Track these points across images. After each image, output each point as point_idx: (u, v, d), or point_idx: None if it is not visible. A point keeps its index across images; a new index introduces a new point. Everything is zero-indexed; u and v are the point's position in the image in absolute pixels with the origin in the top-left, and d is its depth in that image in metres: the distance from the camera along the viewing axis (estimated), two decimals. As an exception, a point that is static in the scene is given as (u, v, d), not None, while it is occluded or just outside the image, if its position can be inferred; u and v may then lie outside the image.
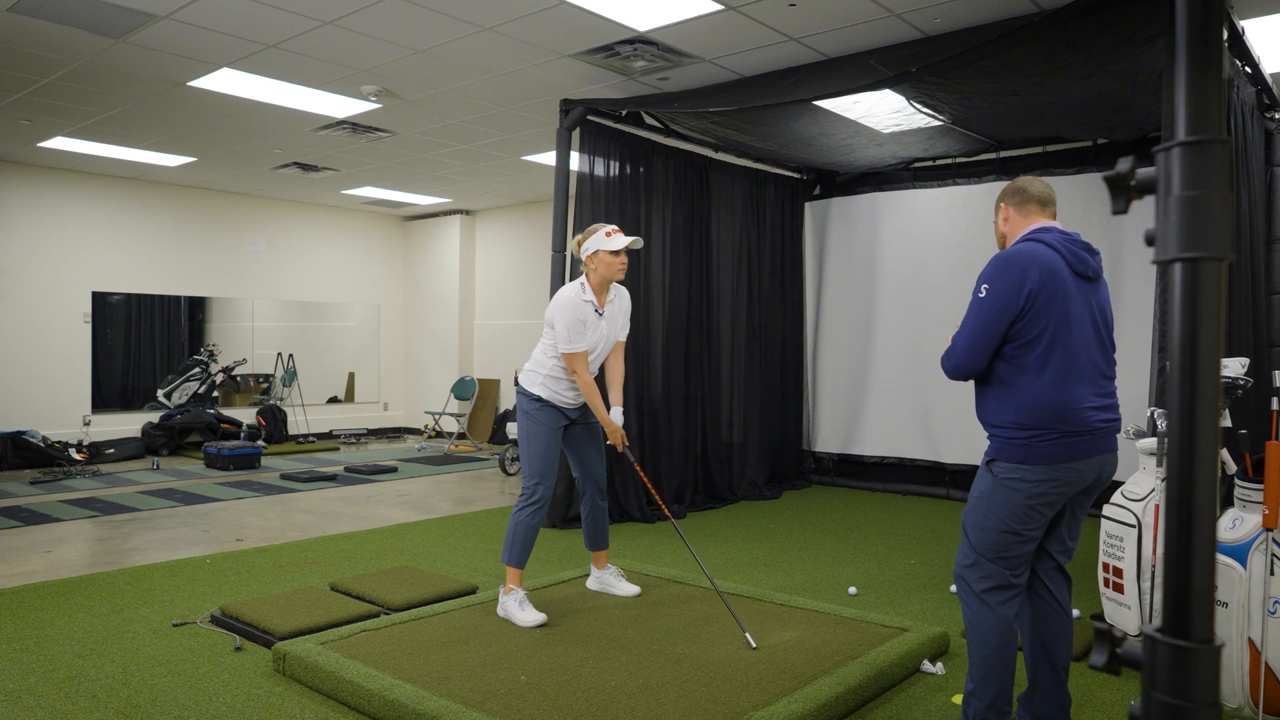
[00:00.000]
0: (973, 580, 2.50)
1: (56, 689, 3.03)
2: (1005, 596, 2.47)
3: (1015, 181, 2.63)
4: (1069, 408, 2.37)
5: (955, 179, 7.07)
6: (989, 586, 2.47)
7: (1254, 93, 4.74)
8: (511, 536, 3.68)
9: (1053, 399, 2.37)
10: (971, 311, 2.45)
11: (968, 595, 2.52)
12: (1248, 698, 2.77)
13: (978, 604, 2.49)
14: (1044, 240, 2.46)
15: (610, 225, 3.78)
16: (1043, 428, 2.37)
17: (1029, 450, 2.39)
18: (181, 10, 4.68)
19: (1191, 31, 0.96)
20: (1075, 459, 2.39)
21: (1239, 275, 4.45)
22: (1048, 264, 2.40)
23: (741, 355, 7.28)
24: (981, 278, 2.45)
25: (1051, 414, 2.37)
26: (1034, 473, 2.38)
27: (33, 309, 8.86)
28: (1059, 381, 2.38)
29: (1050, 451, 2.37)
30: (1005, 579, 2.47)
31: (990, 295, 2.40)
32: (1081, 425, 2.39)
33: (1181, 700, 0.93)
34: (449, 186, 9.70)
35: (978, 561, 2.49)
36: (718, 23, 4.73)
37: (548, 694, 2.84)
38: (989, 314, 2.40)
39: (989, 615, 2.47)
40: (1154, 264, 0.98)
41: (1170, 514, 0.96)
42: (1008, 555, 2.45)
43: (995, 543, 2.45)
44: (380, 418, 11.78)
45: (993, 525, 2.45)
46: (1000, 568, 2.46)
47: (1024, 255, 2.41)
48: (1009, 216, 2.60)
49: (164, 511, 6.31)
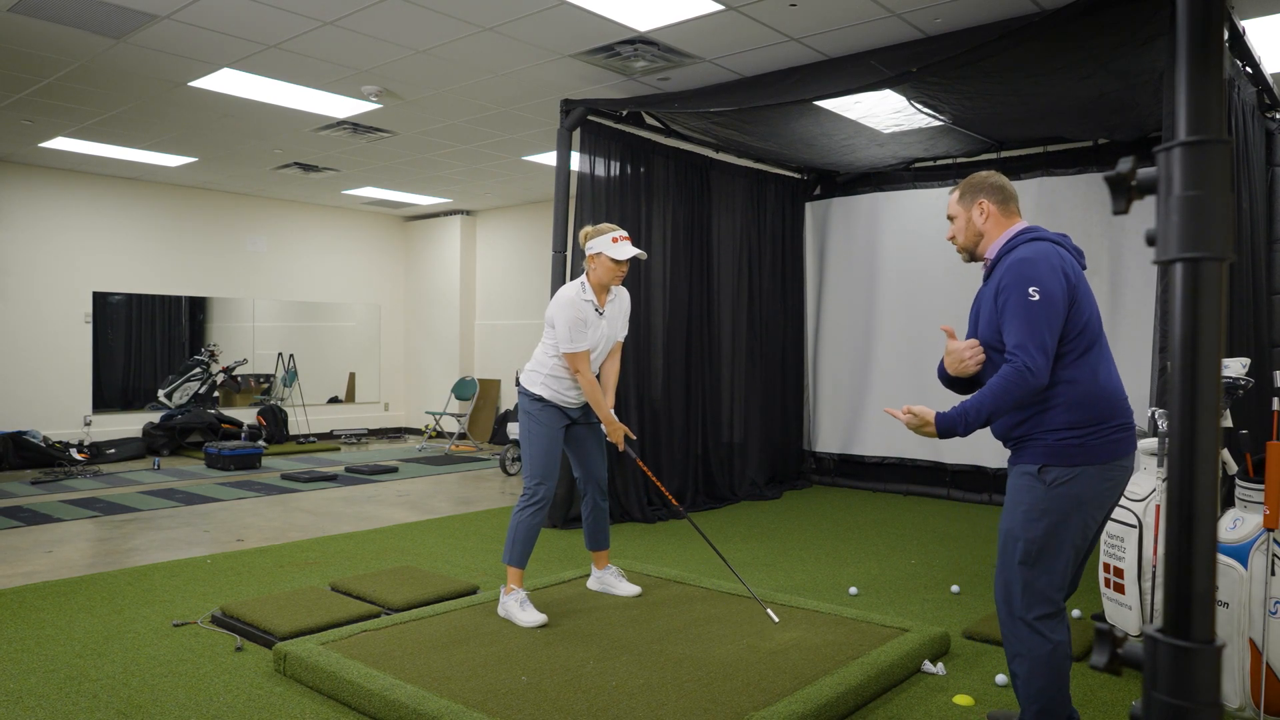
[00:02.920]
0: (1023, 608, 2.32)
1: (57, 689, 3.03)
2: (1057, 619, 2.31)
3: (985, 176, 2.50)
4: (1119, 399, 2.30)
5: (956, 179, 7.06)
6: (1043, 613, 2.29)
7: (1255, 93, 4.74)
8: (513, 537, 3.68)
9: (1105, 391, 2.28)
10: (1036, 314, 2.25)
11: (1016, 624, 2.34)
12: (1249, 698, 2.77)
13: (1028, 632, 2.31)
14: (1048, 238, 2.40)
15: (620, 230, 3.75)
16: (1097, 423, 2.27)
17: (1086, 450, 2.26)
18: (182, 10, 4.68)
19: (1192, 32, 0.96)
20: (1127, 455, 2.30)
21: (1240, 275, 4.45)
22: (1069, 260, 2.35)
23: (742, 355, 7.28)
24: (1014, 283, 2.29)
25: (1106, 407, 2.28)
26: (1094, 473, 2.26)
27: (34, 309, 8.86)
28: (1105, 373, 2.30)
29: (1108, 448, 2.27)
30: (1056, 602, 2.31)
31: (1044, 295, 2.25)
32: (1127, 416, 2.31)
33: (1182, 701, 0.93)
34: (449, 187, 9.70)
35: (1029, 584, 2.30)
36: (718, 23, 4.73)
37: (548, 694, 2.84)
38: (1052, 312, 2.25)
39: (1042, 644, 2.30)
40: (1155, 264, 0.98)
41: (1171, 514, 0.96)
42: (1061, 573, 2.29)
43: (1054, 560, 2.28)
44: (381, 418, 11.78)
45: (1054, 542, 2.28)
46: (1053, 589, 2.29)
47: (1049, 252, 2.32)
48: (989, 214, 2.47)
49: (165, 512, 6.31)
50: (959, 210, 2.53)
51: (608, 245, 3.69)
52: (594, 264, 3.75)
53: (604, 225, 3.80)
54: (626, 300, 3.93)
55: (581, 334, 3.69)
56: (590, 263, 3.77)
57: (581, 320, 3.70)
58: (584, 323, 3.70)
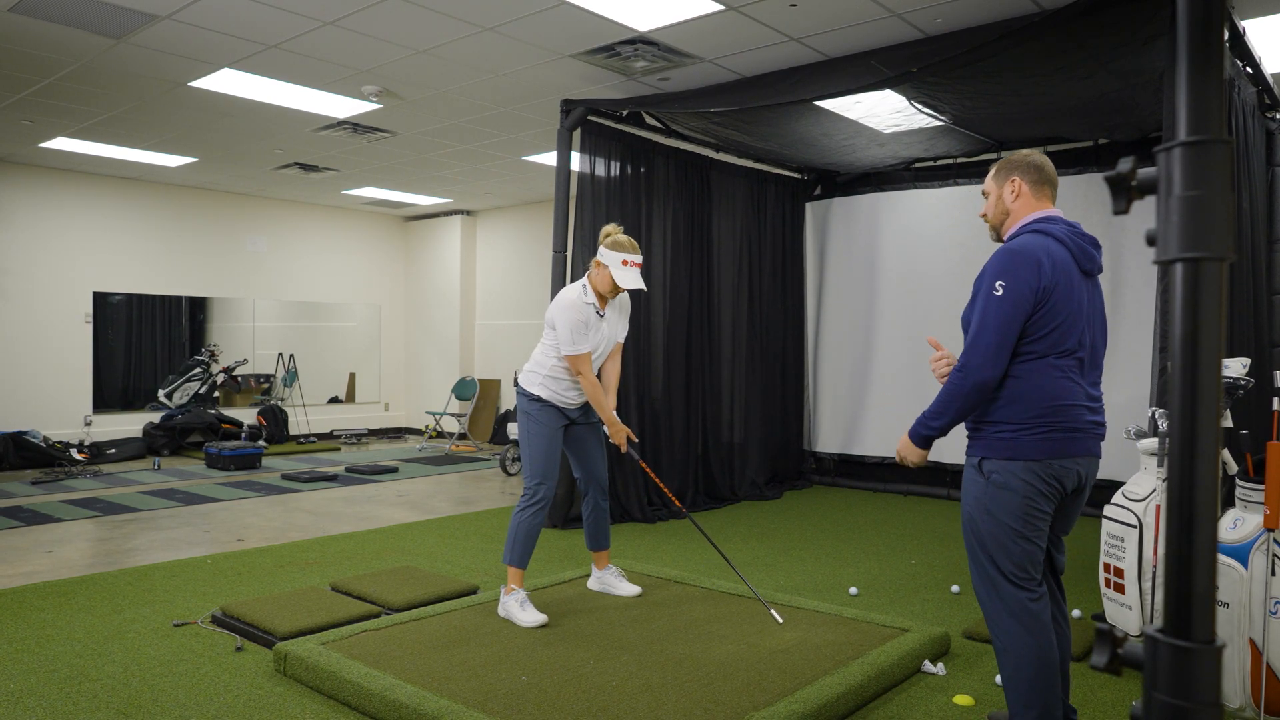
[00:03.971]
0: (993, 601, 2.36)
1: (57, 689, 3.03)
2: (1032, 599, 2.33)
3: (1026, 155, 2.46)
4: (1063, 403, 2.30)
5: (956, 179, 7.07)
6: (1016, 601, 2.32)
7: (1255, 93, 4.74)
8: (513, 537, 3.68)
9: (1047, 393, 2.29)
10: (991, 312, 2.28)
11: (998, 616, 2.36)
12: (1249, 698, 2.77)
13: (1010, 623, 2.33)
14: (1052, 233, 2.35)
15: (636, 256, 3.70)
16: (1034, 423, 2.30)
17: (1017, 445, 2.30)
18: (182, 11, 4.68)
19: (1192, 31, 0.96)
20: (1064, 456, 2.31)
21: (1240, 275, 4.45)
22: (1060, 260, 2.30)
23: (742, 355, 7.28)
24: (991, 273, 2.30)
25: (1046, 408, 2.29)
26: (1024, 470, 2.29)
27: (34, 309, 8.86)
28: (1054, 376, 2.30)
29: (1042, 446, 2.29)
30: (1030, 584, 2.34)
31: (1008, 293, 2.25)
32: (1073, 422, 2.32)
33: (1183, 701, 0.93)
34: (450, 187, 9.70)
35: (995, 579, 2.35)
36: (718, 23, 4.73)
37: (549, 694, 2.84)
38: (1010, 312, 2.26)
39: (1021, 633, 2.31)
40: (1155, 264, 0.98)
41: (1171, 514, 0.96)
42: (1023, 561, 2.32)
43: (1009, 551, 2.32)
44: (381, 418, 11.78)
45: (1001, 533, 2.33)
46: (1020, 576, 2.33)
47: (1036, 249, 2.29)
48: (1020, 193, 2.44)
49: (165, 512, 6.31)
50: (992, 186, 2.51)
51: (617, 265, 3.66)
52: (598, 270, 3.74)
53: (625, 240, 3.72)
54: (626, 301, 3.93)
55: (583, 336, 3.68)
56: (596, 266, 3.76)
57: (583, 323, 3.69)
58: (585, 325, 3.70)
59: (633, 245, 3.72)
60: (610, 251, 3.69)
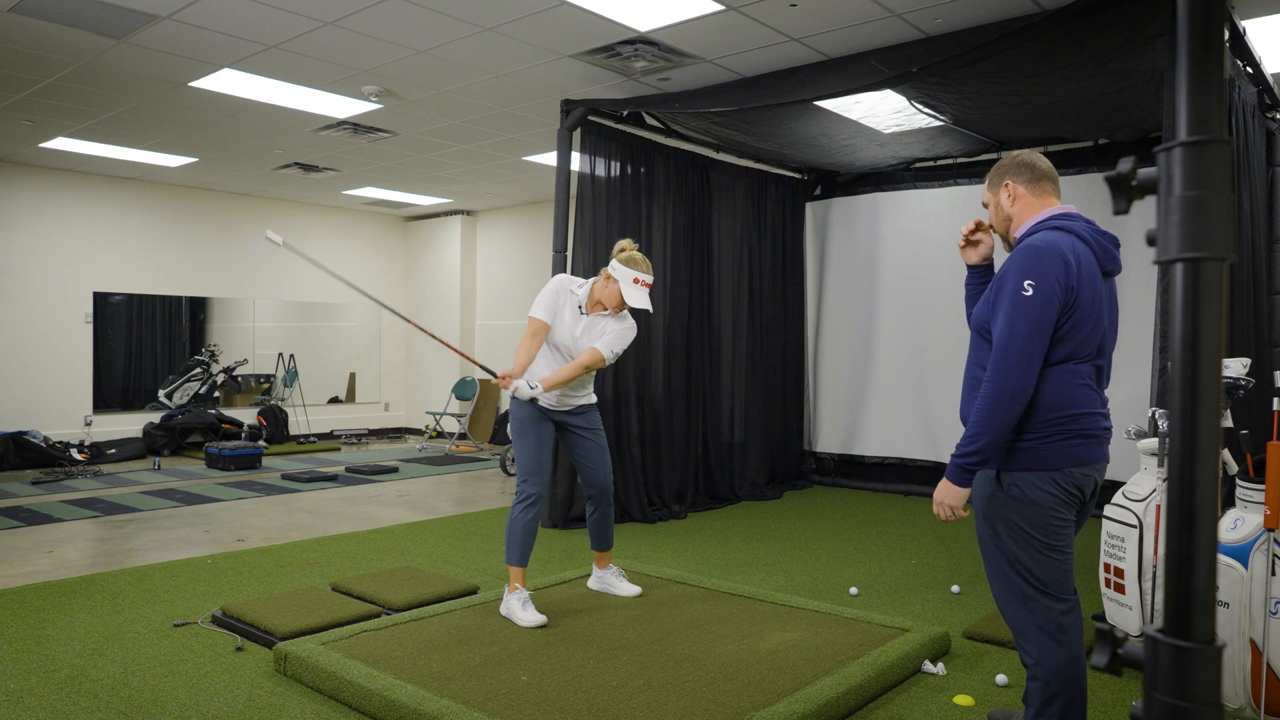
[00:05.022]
0: (1020, 615, 2.25)
1: (58, 689, 3.03)
2: (1064, 611, 2.23)
3: (1015, 156, 2.35)
4: (1082, 411, 2.21)
5: (956, 179, 7.07)
6: (1048, 614, 2.22)
7: (1255, 93, 4.74)
8: (510, 536, 3.68)
9: (1066, 401, 2.18)
10: (1020, 314, 2.12)
11: (1026, 630, 2.25)
12: (1249, 698, 2.77)
13: (1039, 635, 2.23)
14: (1074, 231, 2.21)
15: (648, 276, 3.66)
16: (1052, 431, 2.19)
17: (1037, 455, 2.19)
18: (182, 11, 4.68)
19: (1193, 32, 0.96)
20: (1084, 463, 2.22)
21: (1240, 275, 4.45)
22: (1085, 260, 2.17)
23: (742, 355, 7.28)
24: (1015, 272, 2.15)
25: (1064, 416, 2.19)
26: (1046, 480, 2.19)
27: (34, 309, 8.86)
28: (1074, 384, 2.19)
29: (1061, 455, 2.19)
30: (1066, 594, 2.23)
31: (1038, 291, 2.10)
32: (1091, 429, 2.23)
33: (1183, 701, 0.93)
34: (450, 187, 9.70)
35: (1027, 593, 2.23)
36: (718, 23, 4.73)
37: (549, 694, 2.84)
38: (1042, 312, 2.10)
39: (1054, 649, 2.21)
40: (1155, 264, 0.98)
41: (1172, 514, 0.96)
42: (1057, 572, 2.21)
43: (1040, 564, 2.21)
44: (381, 418, 11.78)
45: (1030, 546, 2.21)
46: (1056, 587, 2.22)
47: (1061, 244, 2.15)
48: (1017, 195, 2.32)
49: (165, 512, 6.31)
50: (989, 197, 2.41)
51: (628, 282, 3.64)
52: (607, 284, 3.71)
53: (640, 259, 3.68)
54: (628, 329, 3.77)
55: (548, 309, 3.69)
56: (605, 279, 3.72)
57: (555, 298, 3.71)
58: (556, 302, 3.71)
59: (647, 265, 3.69)
60: (624, 267, 3.66)
